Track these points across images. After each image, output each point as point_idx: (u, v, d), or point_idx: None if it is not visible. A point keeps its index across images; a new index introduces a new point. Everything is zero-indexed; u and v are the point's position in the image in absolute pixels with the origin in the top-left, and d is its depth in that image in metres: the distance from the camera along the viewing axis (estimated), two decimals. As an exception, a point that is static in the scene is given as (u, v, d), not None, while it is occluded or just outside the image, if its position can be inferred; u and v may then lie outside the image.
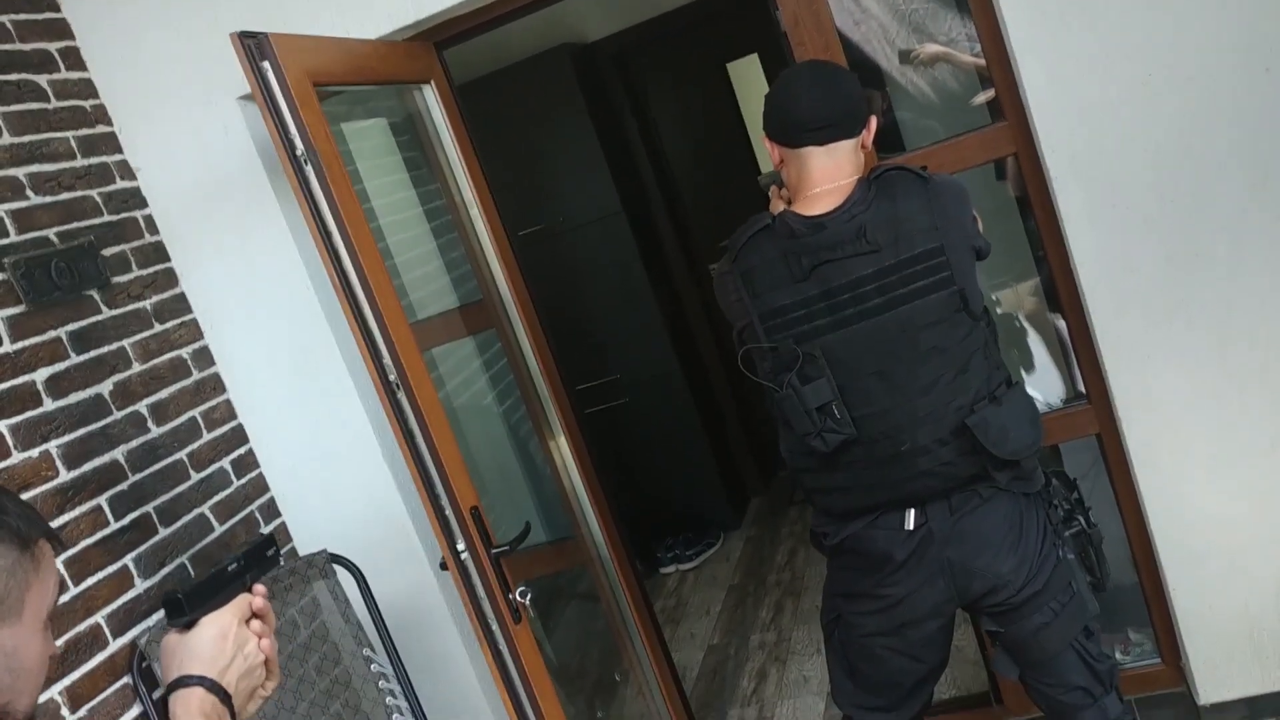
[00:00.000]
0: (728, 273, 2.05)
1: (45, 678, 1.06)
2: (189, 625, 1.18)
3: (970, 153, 2.45)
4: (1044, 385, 3.03)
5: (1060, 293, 2.47)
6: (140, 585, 2.33)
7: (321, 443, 2.77)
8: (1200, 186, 2.22)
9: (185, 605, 1.19)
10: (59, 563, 2.15)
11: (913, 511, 2.01)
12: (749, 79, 5.04)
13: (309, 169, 1.93)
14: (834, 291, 1.93)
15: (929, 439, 1.94)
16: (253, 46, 1.88)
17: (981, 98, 2.88)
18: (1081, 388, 2.55)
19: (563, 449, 2.91)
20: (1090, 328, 2.37)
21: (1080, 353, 2.48)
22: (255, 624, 1.21)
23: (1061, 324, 2.63)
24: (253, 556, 1.28)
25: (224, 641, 1.17)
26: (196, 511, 2.58)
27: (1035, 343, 3.16)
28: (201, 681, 1.14)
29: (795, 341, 1.97)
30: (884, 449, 1.96)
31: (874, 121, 2.06)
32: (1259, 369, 2.29)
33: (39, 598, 1.02)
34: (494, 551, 2.12)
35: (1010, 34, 2.25)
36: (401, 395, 2.00)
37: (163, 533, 2.45)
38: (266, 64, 1.89)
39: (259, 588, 1.24)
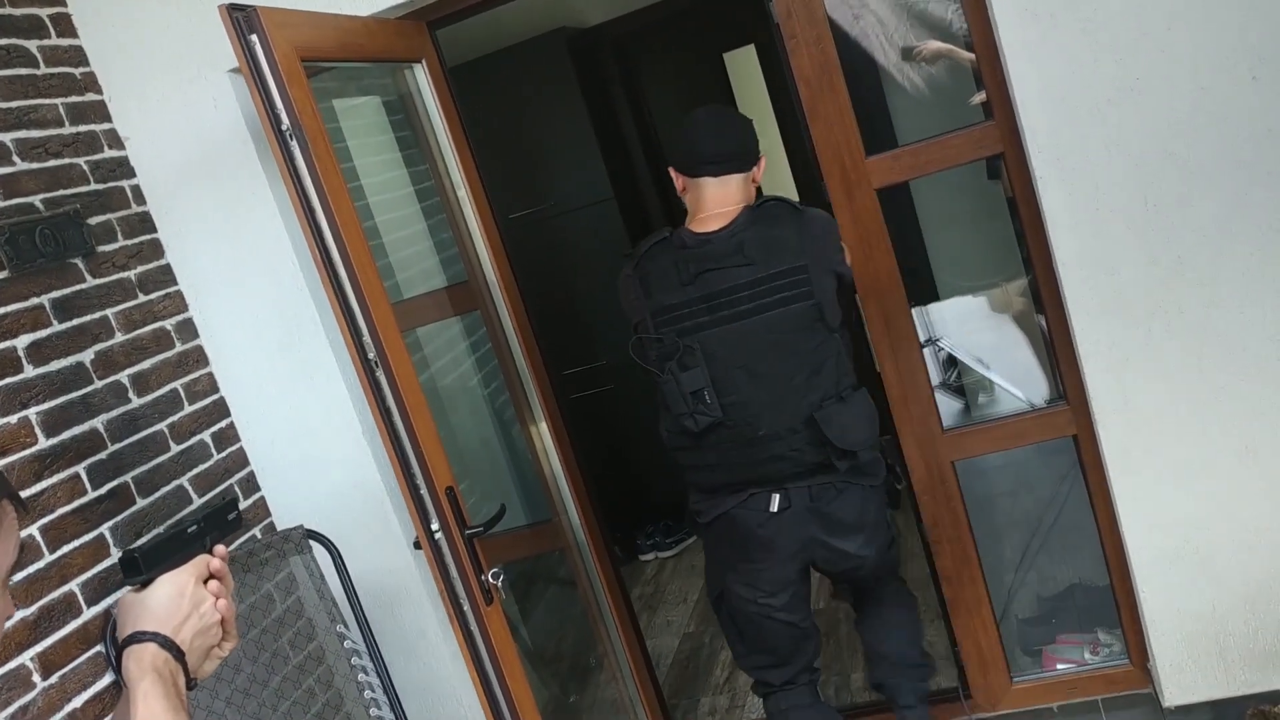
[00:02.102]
0: (630, 275, 2.39)
1: (2, 636, 1.02)
2: (145, 584, 1.17)
3: (958, 151, 2.46)
4: (1029, 386, 3.04)
5: (1043, 294, 2.48)
6: (116, 555, 2.33)
7: (303, 419, 2.77)
8: (1184, 191, 2.23)
9: (142, 564, 1.18)
10: (33, 529, 2.16)
11: (777, 496, 2.35)
12: (745, 70, 5.04)
13: (294, 144, 1.93)
14: (713, 296, 2.27)
15: (782, 427, 2.28)
16: (241, 19, 1.88)
17: (979, 97, 2.88)
18: (1062, 389, 2.56)
19: (544, 433, 2.92)
20: (1070, 329, 2.39)
21: (1059, 353, 2.50)
22: (213, 584, 1.20)
23: (1045, 325, 2.65)
24: (213, 519, 1.27)
25: (180, 600, 1.16)
26: (175, 483, 2.58)
27: (1022, 344, 3.17)
28: (155, 638, 1.12)
29: (678, 335, 2.31)
30: (744, 433, 2.30)
31: (763, 161, 2.41)
32: (1235, 375, 2.30)
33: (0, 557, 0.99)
34: (468, 532, 2.13)
35: (1000, 33, 2.25)
36: (380, 373, 2.01)
37: (140, 503, 2.45)
38: (254, 37, 1.89)
39: (219, 549, 1.24)
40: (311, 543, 2.64)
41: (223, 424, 2.78)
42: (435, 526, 2.09)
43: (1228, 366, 2.31)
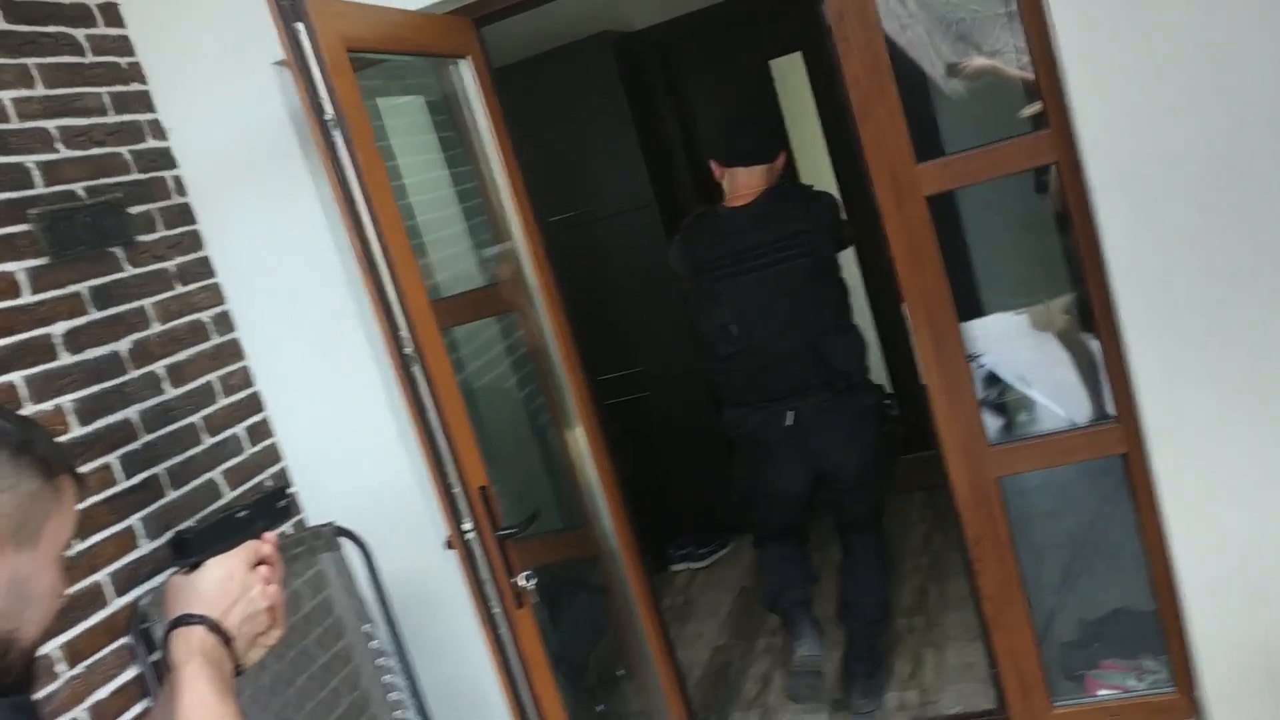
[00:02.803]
0: (679, 239, 3.24)
1: (54, 614, 1.05)
2: (194, 566, 1.16)
3: (1010, 159, 2.41)
4: (1071, 405, 2.97)
5: (1095, 308, 2.42)
6: (145, 546, 2.32)
7: (337, 415, 2.76)
8: (1245, 205, 2.16)
9: (193, 546, 1.18)
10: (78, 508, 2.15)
11: (791, 413, 3.05)
12: (792, 78, 4.99)
13: (337, 135, 1.91)
14: (738, 253, 3.03)
15: (788, 351, 3.02)
16: (288, 7, 1.86)
17: (1032, 109, 2.83)
18: (1110, 407, 2.49)
19: (579, 438, 2.88)
20: (1123, 345, 2.32)
21: (1111, 370, 2.43)
22: (262, 569, 1.19)
23: (1094, 343, 2.58)
24: (263, 505, 1.28)
25: (229, 583, 1.14)
26: (207, 476, 2.57)
27: (1065, 362, 3.11)
28: (203, 620, 1.12)
29: (712, 283, 3.09)
30: (761, 358, 3.05)
31: (783, 155, 3.15)
32: (1295, 395, 2.23)
33: (56, 530, 1.02)
34: (500, 533, 2.09)
35: (1060, 41, 2.20)
36: (416, 369, 1.98)
37: (171, 495, 2.44)
38: (300, 25, 1.87)
39: (269, 536, 1.23)
40: (341, 540, 2.62)
41: (257, 418, 2.77)
42: (468, 526, 2.05)
43: (1285, 387, 2.23)
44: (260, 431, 2.77)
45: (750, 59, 4.86)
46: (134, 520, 2.32)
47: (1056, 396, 3.05)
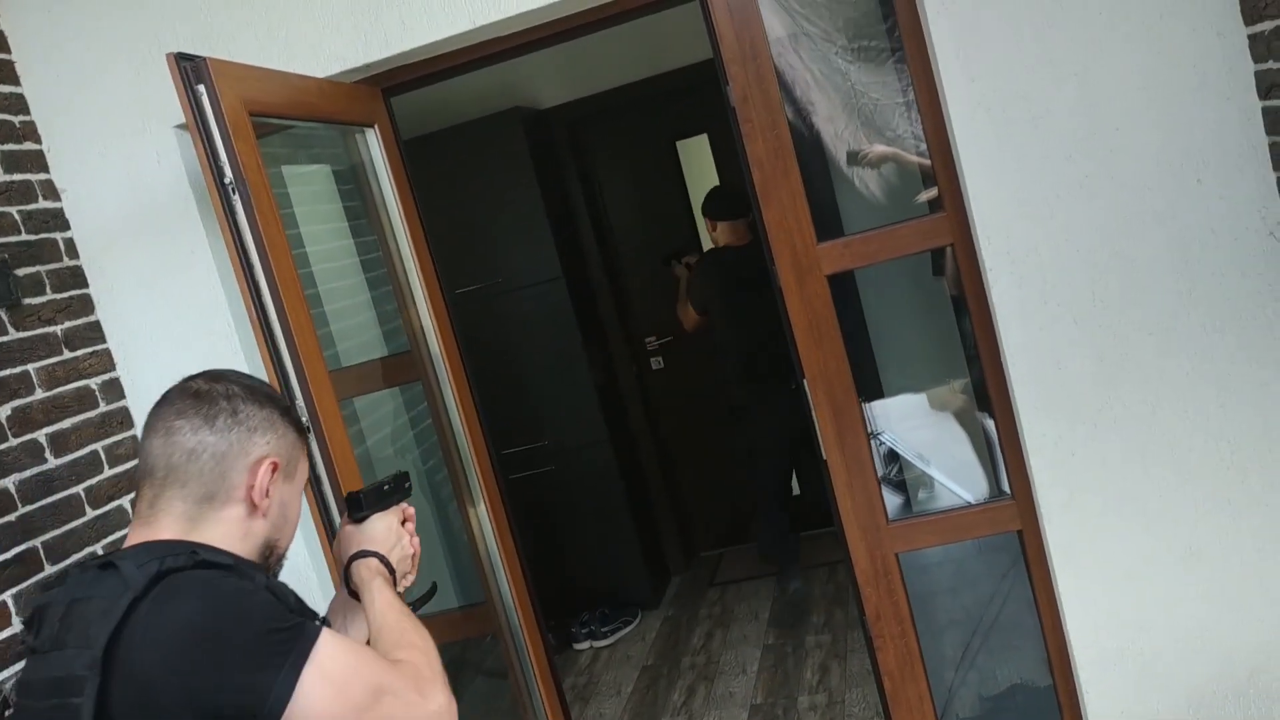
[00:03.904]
0: (700, 274, 4.39)
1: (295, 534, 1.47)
2: (362, 520, 1.60)
3: (907, 240, 2.47)
4: (969, 483, 3.03)
5: (990, 387, 2.47)
6: (17, 623, 2.20)
7: (229, 487, 2.66)
8: (1131, 289, 2.24)
9: (363, 503, 1.60)
10: None
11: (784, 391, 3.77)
12: (697, 158, 5.09)
13: (236, 199, 1.87)
14: (729, 282, 4.23)
15: (759, 346, 4.14)
16: (189, 69, 1.84)
17: (927, 194, 2.92)
18: (1006, 485, 2.54)
19: (481, 512, 2.83)
20: (1016, 422, 2.37)
21: (1006, 448, 2.48)
22: (409, 525, 1.63)
23: (989, 422, 2.63)
24: (398, 482, 1.68)
25: (390, 534, 1.59)
26: (88, 550, 2.46)
27: (962, 441, 3.17)
28: (376, 554, 1.55)
29: (718, 300, 4.29)
30: (751, 349, 4.22)
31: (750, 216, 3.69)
32: (1181, 473, 2.29)
33: (302, 471, 1.47)
34: (396, 609, 2.03)
35: (955, 128, 2.27)
36: (311, 439, 1.92)
37: (49, 569, 2.33)
38: (202, 88, 1.84)
39: (409, 508, 1.66)
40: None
41: (144, 490, 2.66)
42: (361, 602, 1.98)
43: (1171, 466, 2.30)
44: (147, 503, 2.66)
45: (658, 139, 4.95)
46: (7, 596, 2.20)
47: (954, 475, 3.10)
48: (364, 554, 1.54)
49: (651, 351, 5.04)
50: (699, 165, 5.08)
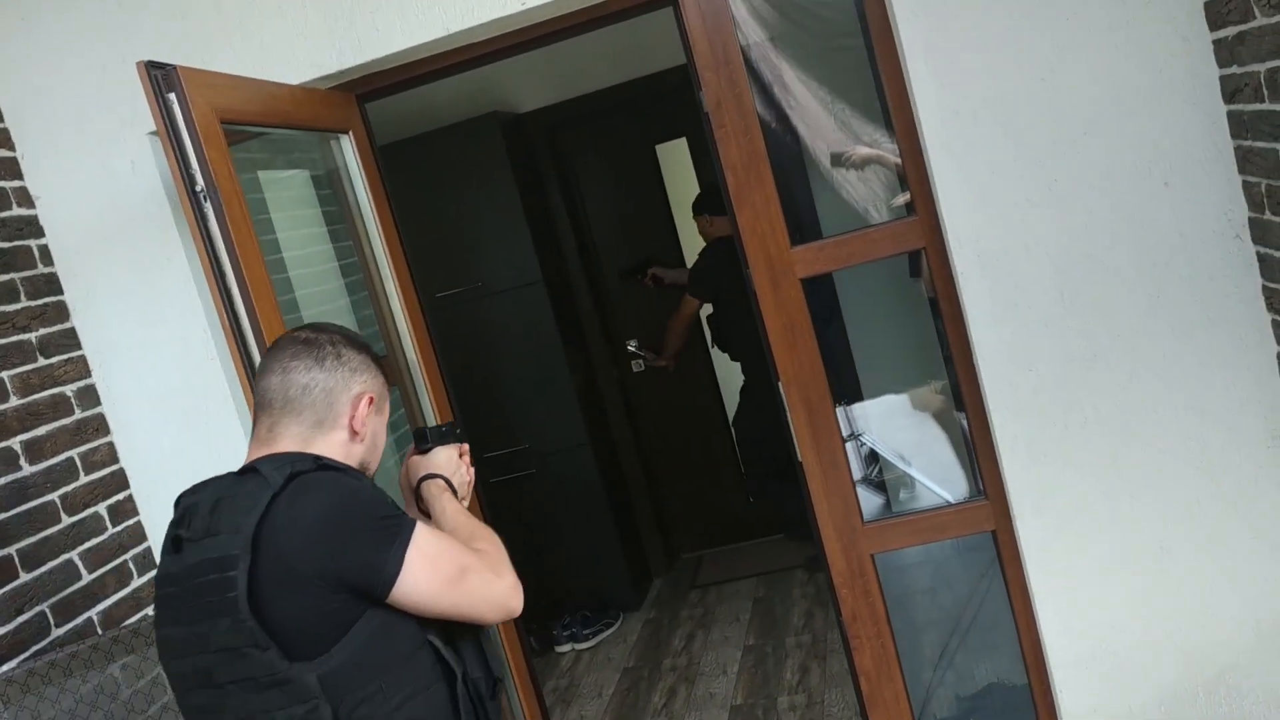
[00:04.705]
0: (707, 264, 4.44)
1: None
2: (427, 450, 1.88)
3: (881, 244, 2.48)
4: (949, 483, 3.04)
5: (963, 389, 2.49)
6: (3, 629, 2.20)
7: (206, 493, 2.66)
8: (1100, 292, 2.26)
9: (429, 437, 1.90)
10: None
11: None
12: (676, 161, 5.11)
13: (208, 206, 1.88)
14: (737, 265, 3.31)
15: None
16: (160, 77, 1.84)
17: (901, 199, 2.93)
18: (980, 485, 2.56)
19: (459, 515, 2.83)
20: (989, 424, 2.39)
21: (979, 448, 2.50)
22: (466, 458, 1.91)
23: (965, 422, 2.65)
24: (452, 427, 1.98)
25: (451, 463, 1.87)
26: (64, 557, 2.46)
27: (942, 441, 3.19)
28: (442, 477, 1.84)
29: (729, 283, 4.01)
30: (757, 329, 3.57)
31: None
32: (1152, 474, 2.32)
33: (387, 408, 1.75)
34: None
35: (925, 131, 2.29)
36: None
37: (24, 577, 2.33)
38: (173, 95, 1.84)
39: (464, 445, 1.93)
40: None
41: (120, 496, 2.66)
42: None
43: (1142, 465, 2.32)
44: (124, 510, 2.66)
45: (637, 142, 4.96)
46: (-20, 605, 2.20)
47: (934, 475, 3.12)
48: (431, 476, 1.83)
49: (632, 354, 5.06)
50: (677, 168, 5.10)
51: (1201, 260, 2.20)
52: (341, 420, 1.63)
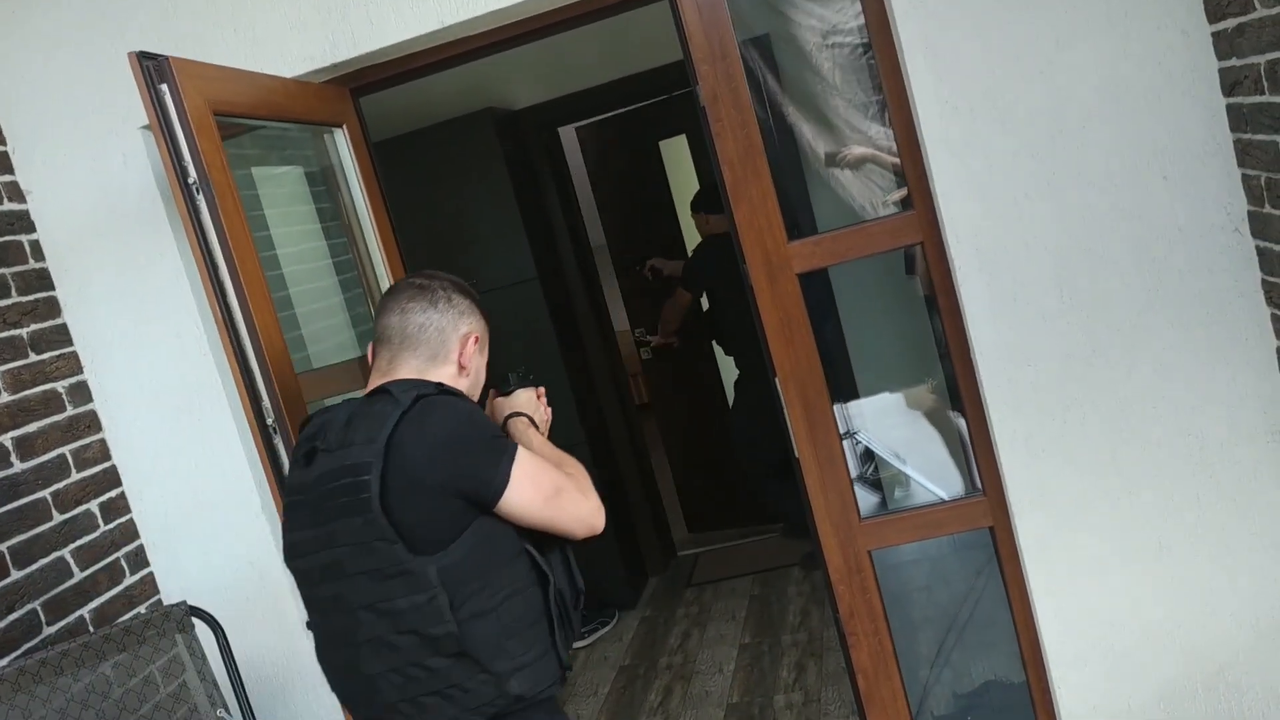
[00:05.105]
0: (700, 259, 4.53)
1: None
2: (509, 393, 2.03)
3: (877, 239, 2.47)
4: (944, 481, 3.03)
5: (960, 385, 2.48)
6: (-13, 629, 2.18)
7: (199, 491, 2.65)
8: (1099, 286, 2.25)
9: (510, 380, 2.02)
10: None
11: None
12: (677, 158, 5.10)
13: (200, 198, 1.86)
14: (731, 260, 3.36)
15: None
16: (152, 68, 1.82)
17: (897, 195, 2.92)
18: (978, 482, 2.55)
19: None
20: (987, 419, 2.38)
21: (978, 446, 2.48)
22: (544, 399, 2.05)
23: (961, 420, 2.64)
24: (527, 374, 2.40)
25: (531, 403, 2.01)
26: (56, 554, 2.44)
27: (936, 440, 3.18)
28: (524, 416, 1.97)
29: (721, 277, 4.23)
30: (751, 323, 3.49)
31: None
32: (1151, 470, 2.30)
33: (487, 348, 1.94)
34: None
35: (922, 125, 2.28)
36: (279, 440, 1.91)
37: (15, 575, 2.31)
38: (165, 87, 1.83)
39: (541, 388, 2.07)
40: (196, 621, 2.49)
41: (113, 493, 2.64)
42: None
43: (1140, 461, 2.31)
44: (116, 507, 2.64)
45: (641, 139, 4.95)
46: (-29, 602, 2.18)
47: (929, 473, 3.11)
48: (515, 414, 1.97)
49: (640, 341, 5.07)
50: (679, 165, 5.09)
51: (1201, 254, 2.19)
52: (451, 356, 1.84)
